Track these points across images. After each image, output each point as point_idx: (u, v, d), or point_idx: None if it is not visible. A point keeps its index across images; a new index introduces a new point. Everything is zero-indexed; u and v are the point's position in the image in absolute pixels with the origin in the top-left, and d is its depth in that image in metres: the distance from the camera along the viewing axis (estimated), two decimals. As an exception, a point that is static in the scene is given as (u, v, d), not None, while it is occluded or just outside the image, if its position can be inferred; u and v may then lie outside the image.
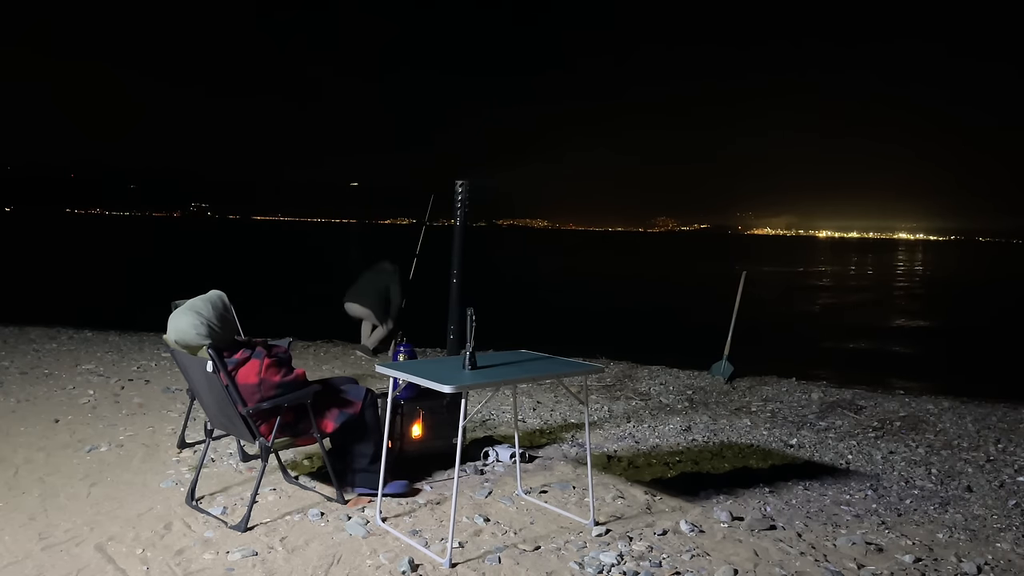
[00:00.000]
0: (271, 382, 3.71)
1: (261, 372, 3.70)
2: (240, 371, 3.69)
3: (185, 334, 3.66)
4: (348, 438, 4.02)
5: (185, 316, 3.68)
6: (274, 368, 3.74)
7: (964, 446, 5.61)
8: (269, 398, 3.70)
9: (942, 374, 10.92)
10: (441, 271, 4.94)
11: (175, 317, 3.73)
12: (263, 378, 3.69)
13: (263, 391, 3.69)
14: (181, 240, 60.89)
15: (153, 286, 17.94)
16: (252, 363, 3.73)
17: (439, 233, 8.26)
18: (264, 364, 3.72)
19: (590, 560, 3.28)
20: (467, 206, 4.79)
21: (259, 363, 3.72)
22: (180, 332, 3.68)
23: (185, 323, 3.66)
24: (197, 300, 3.77)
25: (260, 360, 3.73)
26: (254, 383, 3.68)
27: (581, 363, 3.88)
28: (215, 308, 3.73)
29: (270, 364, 3.74)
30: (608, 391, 7.22)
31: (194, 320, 3.65)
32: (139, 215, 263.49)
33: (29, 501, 3.83)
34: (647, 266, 45.15)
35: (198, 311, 3.68)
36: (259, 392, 3.69)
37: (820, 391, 7.42)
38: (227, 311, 3.80)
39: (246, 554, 3.26)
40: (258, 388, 3.68)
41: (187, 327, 3.65)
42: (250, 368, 3.71)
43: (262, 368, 3.70)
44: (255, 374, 3.69)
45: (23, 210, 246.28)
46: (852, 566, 3.34)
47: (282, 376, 3.75)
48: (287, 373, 3.78)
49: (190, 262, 32.54)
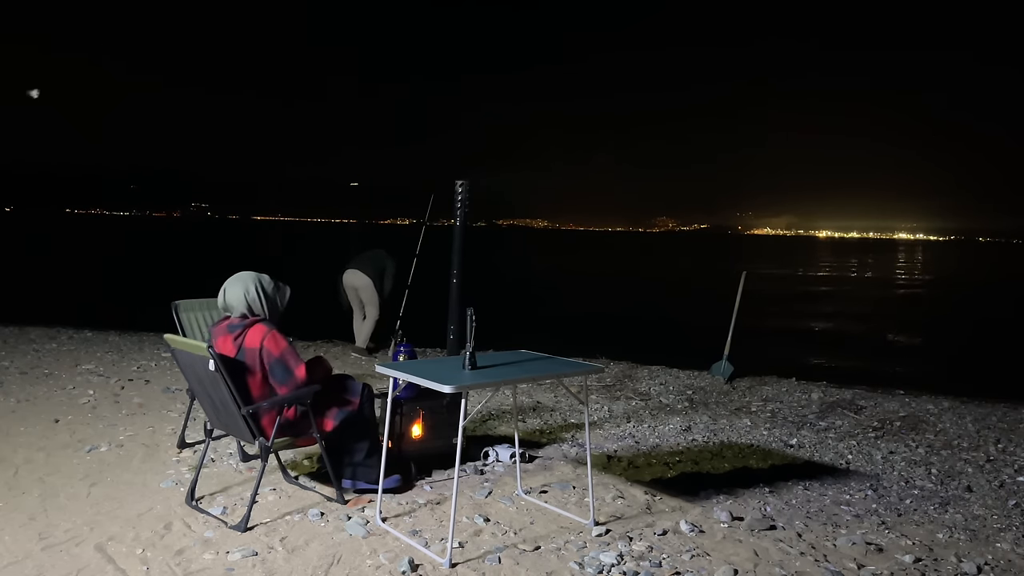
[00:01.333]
0: (271, 352, 3.73)
1: (265, 339, 3.73)
2: (247, 334, 3.75)
3: (235, 296, 3.79)
4: (345, 433, 4.02)
5: (242, 280, 3.83)
6: (281, 340, 3.77)
7: (964, 446, 5.61)
8: (262, 399, 3.70)
9: (942, 374, 10.91)
10: (441, 271, 4.94)
11: (235, 278, 3.84)
12: (265, 346, 3.72)
13: (263, 357, 3.72)
14: (181, 240, 60.85)
15: (153, 286, 17.94)
16: (259, 328, 3.77)
17: (439, 233, 8.26)
18: (271, 333, 3.76)
19: (590, 560, 3.29)
20: (467, 206, 4.79)
21: (266, 330, 3.77)
22: (231, 294, 3.80)
23: (239, 286, 3.80)
24: (258, 273, 3.93)
25: (268, 328, 3.78)
26: (255, 348, 3.72)
27: (581, 363, 3.88)
28: (275, 287, 3.93)
29: (277, 334, 3.78)
30: (608, 391, 7.22)
31: (250, 286, 3.81)
32: (139, 215, 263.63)
33: (29, 501, 3.83)
34: (647, 266, 45.13)
35: (258, 280, 3.86)
36: (258, 360, 3.72)
37: (820, 391, 7.42)
38: (280, 294, 3.96)
39: (246, 554, 3.26)
40: (258, 354, 3.72)
41: (240, 291, 3.79)
42: (256, 332, 3.75)
43: (267, 335, 3.74)
44: (259, 340, 3.73)
45: (23, 210, 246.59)
46: (852, 566, 3.35)
47: (285, 351, 3.75)
48: (291, 352, 3.78)
49: (190, 262, 32.51)
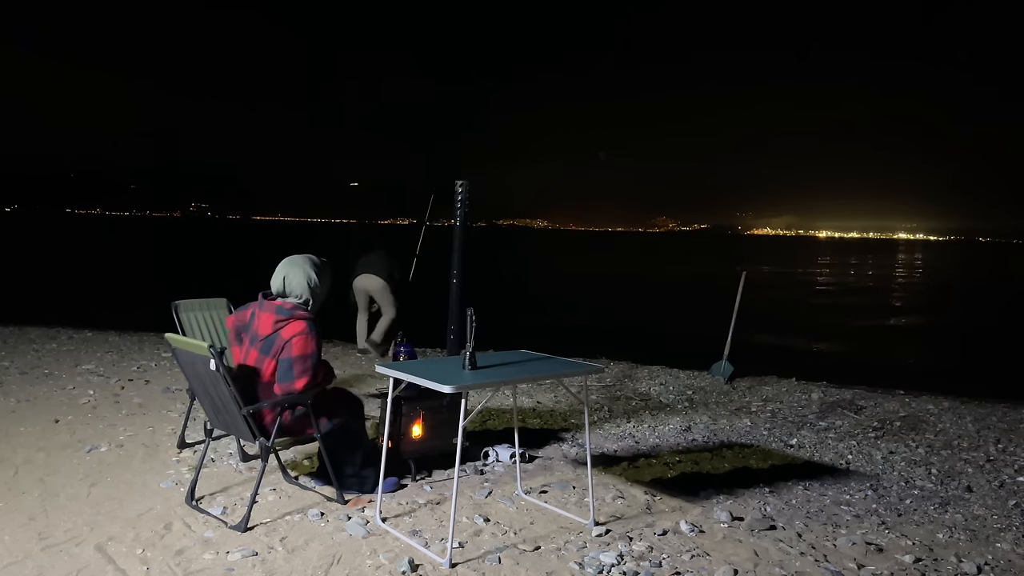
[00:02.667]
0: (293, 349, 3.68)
1: (298, 335, 3.69)
2: (289, 324, 3.71)
3: (296, 280, 3.77)
4: (337, 445, 4.02)
5: (302, 263, 3.81)
6: (312, 343, 3.73)
7: (964, 446, 5.61)
8: (264, 393, 3.68)
9: (942, 374, 10.91)
10: (441, 271, 4.94)
11: (291, 262, 3.81)
12: (293, 341, 3.68)
13: (281, 349, 3.69)
14: (181, 240, 60.84)
15: (152, 286, 17.93)
16: (300, 323, 3.72)
17: (439, 233, 8.26)
18: (308, 332, 3.71)
19: (590, 560, 3.28)
20: (467, 206, 4.79)
21: (306, 326, 3.72)
22: (291, 277, 3.78)
23: (300, 270, 3.79)
24: (312, 256, 3.90)
25: (310, 329, 3.72)
26: (286, 338, 3.68)
27: (581, 363, 3.88)
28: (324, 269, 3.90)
29: (312, 337, 3.73)
30: (608, 391, 7.21)
31: (310, 271, 3.80)
32: (139, 215, 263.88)
33: (29, 501, 3.83)
34: (647, 266, 45.13)
35: (315, 264, 3.84)
36: (279, 348, 3.69)
37: (820, 391, 7.42)
38: (328, 278, 3.92)
39: (246, 554, 3.26)
40: (280, 344, 3.69)
41: (301, 274, 3.78)
42: (296, 326, 3.71)
43: (301, 332, 3.69)
44: (292, 332, 3.69)
45: (23, 210, 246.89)
46: (852, 566, 3.35)
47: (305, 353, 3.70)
48: (311, 360, 3.73)
49: (190, 262, 32.51)
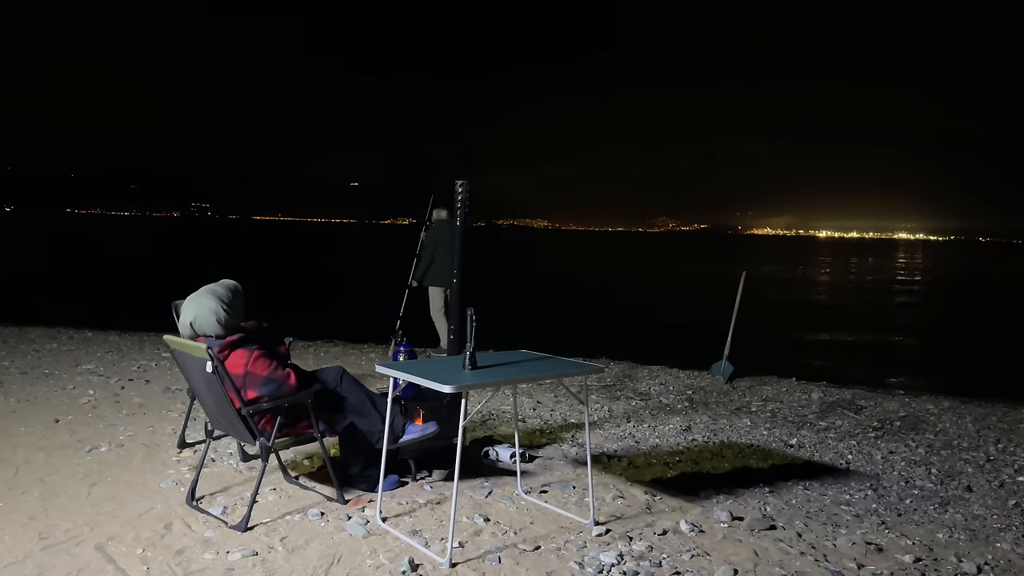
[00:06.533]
0: (257, 376, 3.66)
1: (248, 364, 3.67)
2: (229, 358, 3.67)
3: (204, 319, 3.68)
4: (349, 443, 4.02)
5: (205, 300, 3.70)
6: (263, 361, 3.70)
7: (964, 446, 5.61)
8: (252, 400, 3.65)
9: (942, 374, 10.91)
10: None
11: (194, 301, 3.73)
12: (249, 371, 3.66)
13: (248, 384, 3.65)
14: (181, 240, 60.82)
15: (152, 286, 17.93)
16: (240, 353, 3.69)
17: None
18: (253, 356, 3.68)
19: (590, 560, 3.28)
20: (467, 206, 4.78)
21: (248, 354, 3.69)
22: (200, 317, 3.69)
23: (205, 308, 3.68)
24: (214, 286, 3.80)
25: (249, 352, 3.70)
26: (239, 374, 3.65)
27: (581, 363, 3.88)
28: (233, 294, 3.79)
29: (259, 356, 3.70)
30: (608, 391, 7.21)
31: (214, 305, 3.68)
32: (139, 215, 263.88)
33: (29, 501, 3.83)
34: (646, 266, 45.12)
35: (219, 296, 3.72)
36: (244, 386, 3.65)
37: (820, 391, 7.42)
38: (240, 299, 3.84)
39: (246, 554, 3.26)
40: (243, 380, 3.65)
41: (207, 312, 3.67)
42: (238, 357, 3.68)
43: (250, 360, 3.67)
44: (242, 365, 3.66)
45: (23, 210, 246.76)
46: (852, 566, 3.34)
47: (270, 371, 3.69)
48: (276, 368, 3.71)
49: (189, 262, 32.52)
